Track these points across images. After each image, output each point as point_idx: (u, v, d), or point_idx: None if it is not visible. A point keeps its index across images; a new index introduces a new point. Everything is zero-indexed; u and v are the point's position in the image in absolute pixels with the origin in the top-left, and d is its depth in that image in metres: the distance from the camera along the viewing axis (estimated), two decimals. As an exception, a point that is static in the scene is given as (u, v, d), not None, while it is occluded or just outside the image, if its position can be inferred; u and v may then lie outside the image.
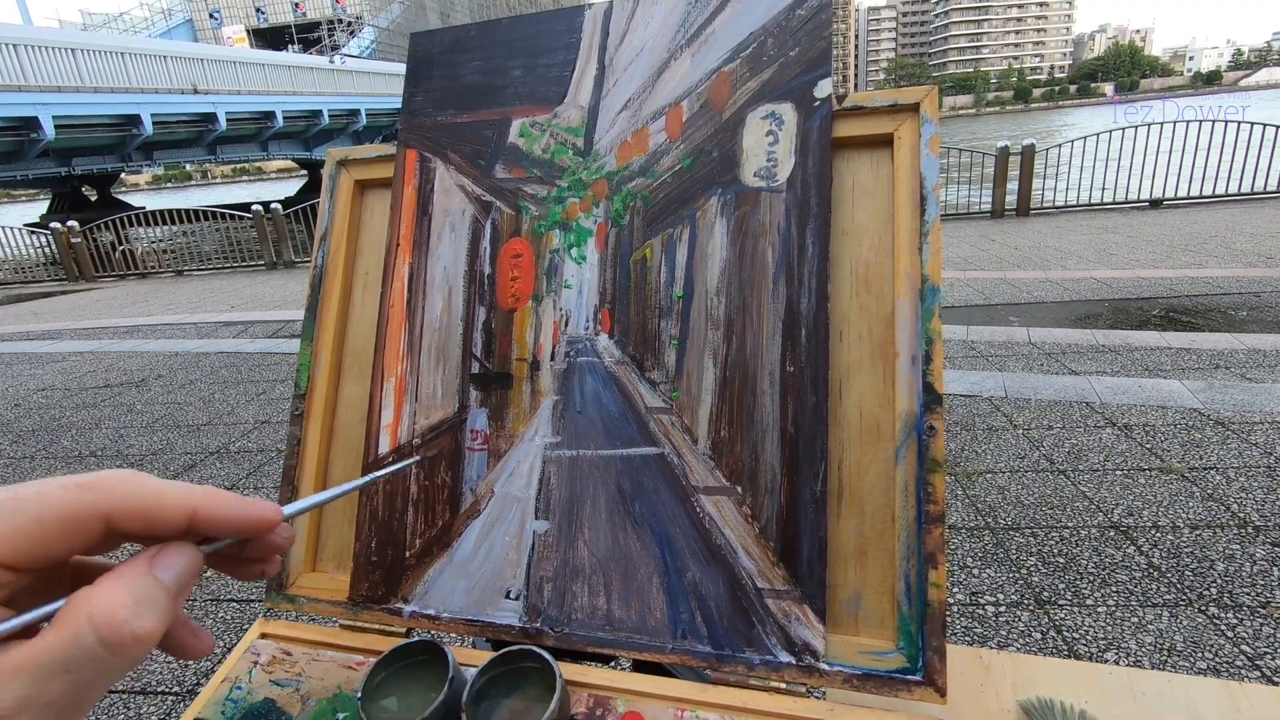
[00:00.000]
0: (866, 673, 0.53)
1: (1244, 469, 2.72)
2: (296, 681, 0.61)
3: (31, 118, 16.07)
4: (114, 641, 0.26)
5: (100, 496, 0.28)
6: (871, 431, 0.58)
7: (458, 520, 0.64)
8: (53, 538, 0.27)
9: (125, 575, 0.28)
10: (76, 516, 0.28)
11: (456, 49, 0.72)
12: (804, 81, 0.60)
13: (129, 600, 0.27)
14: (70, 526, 0.28)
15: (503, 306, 0.67)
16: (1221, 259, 6.29)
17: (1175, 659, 1.85)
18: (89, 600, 0.26)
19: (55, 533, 0.27)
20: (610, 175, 0.66)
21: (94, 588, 0.27)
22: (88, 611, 0.26)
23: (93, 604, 0.26)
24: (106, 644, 0.26)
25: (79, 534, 0.28)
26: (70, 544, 0.28)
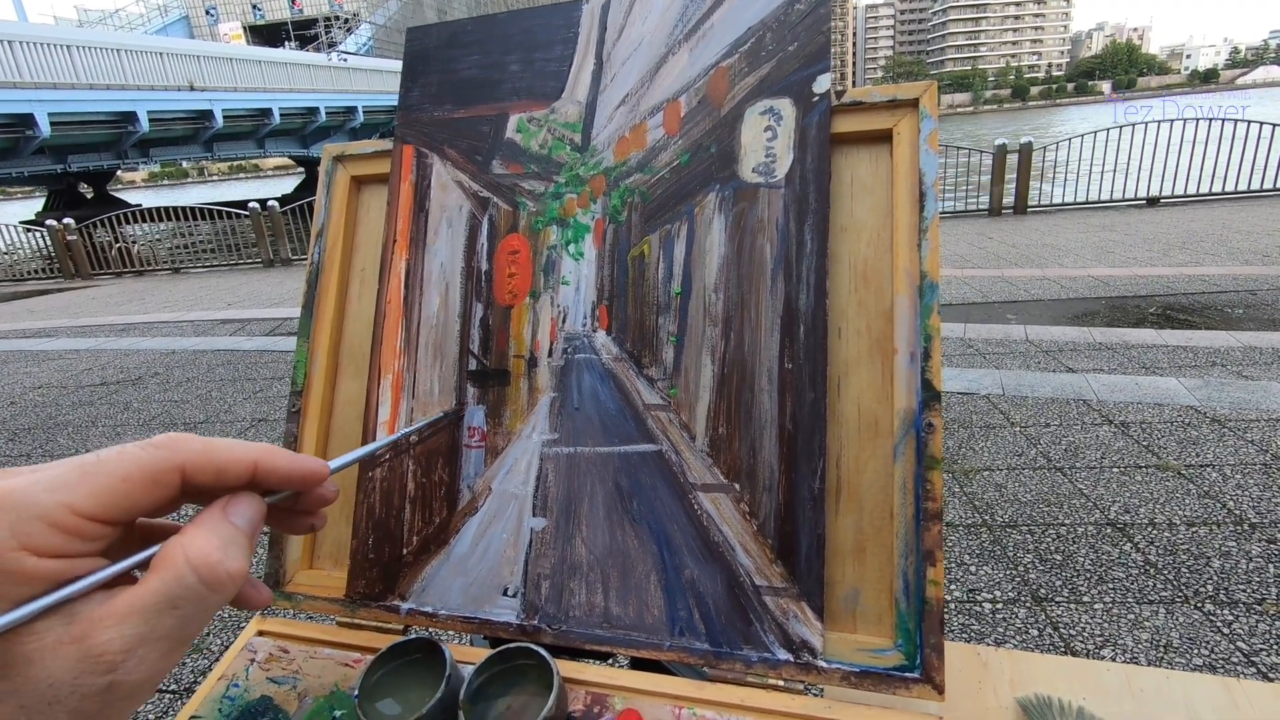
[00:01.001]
0: (864, 670, 0.53)
1: (1240, 466, 2.73)
2: (293, 679, 0.61)
3: (27, 115, 16.00)
4: (211, 579, 0.30)
5: (175, 453, 0.31)
6: (870, 428, 0.58)
7: (455, 517, 0.64)
8: (138, 492, 0.30)
9: (208, 522, 0.32)
10: (157, 470, 0.31)
11: (453, 44, 0.71)
12: (803, 77, 0.60)
13: (218, 542, 0.31)
14: (153, 480, 0.31)
15: (500, 303, 0.67)
16: (1218, 257, 6.30)
17: (1171, 655, 1.86)
18: (182, 546, 0.30)
19: (140, 487, 0.30)
20: (608, 171, 0.65)
21: (183, 535, 0.31)
22: (183, 555, 0.29)
23: (186, 548, 0.30)
24: (205, 582, 0.29)
25: (160, 487, 0.31)
26: (154, 496, 0.31)
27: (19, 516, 0.28)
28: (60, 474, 0.29)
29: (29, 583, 0.27)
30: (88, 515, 0.29)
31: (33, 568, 0.27)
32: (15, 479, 0.29)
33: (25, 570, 0.27)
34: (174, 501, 0.33)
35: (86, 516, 0.29)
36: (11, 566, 0.27)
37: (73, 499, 0.29)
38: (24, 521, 0.28)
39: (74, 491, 0.29)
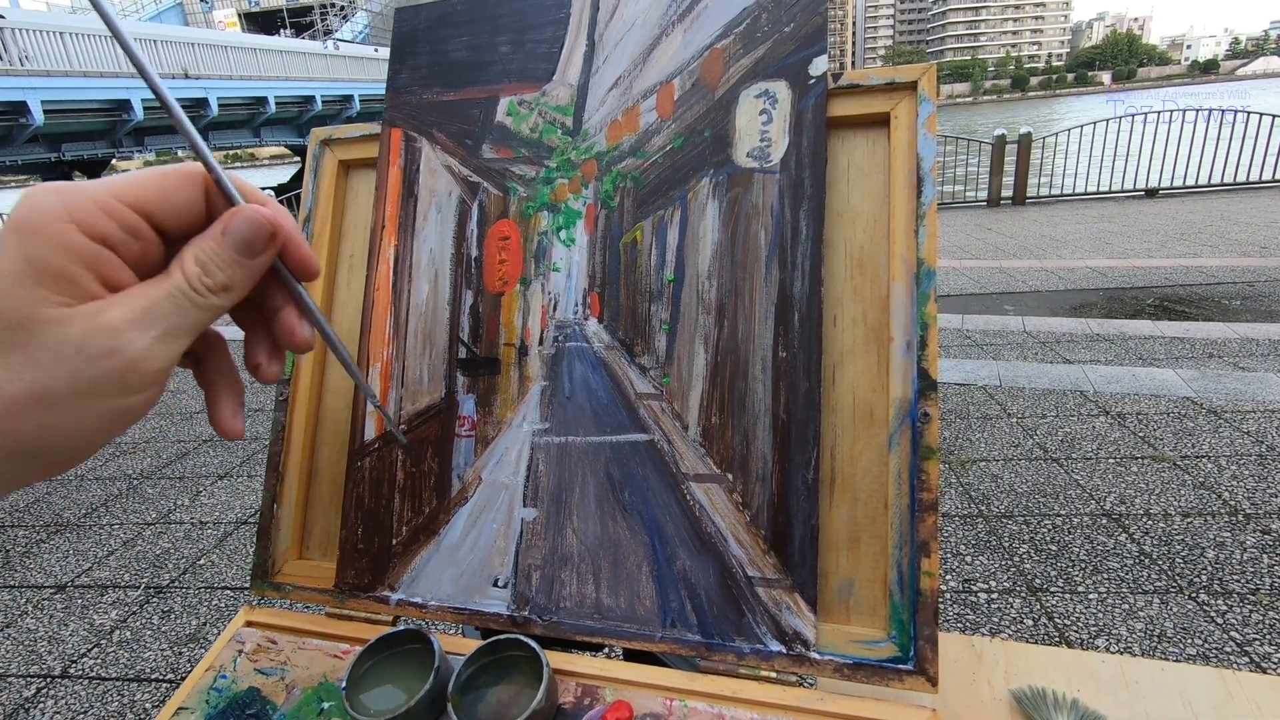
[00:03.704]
0: (858, 662, 0.52)
1: (1235, 457, 2.73)
2: (282, 670, 0.61)
3: (20, 102, 15.85)
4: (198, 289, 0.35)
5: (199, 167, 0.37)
6: (865, 418, 0.57)
7: (445, 507, 0.63)
8: (171, 187, 0.35)
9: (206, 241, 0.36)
10: (185, 170, 0.36)
11: (443, 24, 0.70)
12: (799, 59, 0.59)
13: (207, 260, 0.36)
14: (184, 176, 0.36)
15: (490, 290, 0.66)
16: (1216, 248, 6.30)
17: (1165, 645, 1.86)
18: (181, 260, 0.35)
19: (173, 183, 0.35)
20: (600, 155, 0.64)
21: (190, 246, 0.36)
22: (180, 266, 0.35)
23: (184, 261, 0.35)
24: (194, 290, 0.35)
25: (190, 186, 0.36)
26: (185, 195, 0.36)
27: (72, 197, 0.32)
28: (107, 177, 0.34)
29: (68, 254, 0.32)
30: (129, 202, 0.34)
31: (75, 241, 0.32)
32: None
33: (69, 242, 0.32)
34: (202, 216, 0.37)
35: (128, 203, 0.34)
36: (59, 235, 0.31)
37: (115, 188, 0.34)
38: (76, 200, 0.32)
39: (118, 183, 0.34)
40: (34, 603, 2.47)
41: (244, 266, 0.37)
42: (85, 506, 3.14)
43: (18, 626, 2.34)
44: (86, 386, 0.32)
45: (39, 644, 2.25)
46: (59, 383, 0.31)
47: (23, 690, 2.05)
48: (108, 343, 0.32)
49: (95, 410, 0.32)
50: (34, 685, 2.06)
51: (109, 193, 0.33)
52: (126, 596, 2.46)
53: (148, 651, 2.18)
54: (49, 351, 0.31)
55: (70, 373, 0.31)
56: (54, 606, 2.44)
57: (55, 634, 2.29)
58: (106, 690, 2.03)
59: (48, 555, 2.77)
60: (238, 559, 2.65)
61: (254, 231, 0.37)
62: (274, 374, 0.43)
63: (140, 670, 2.10)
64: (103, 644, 2.23)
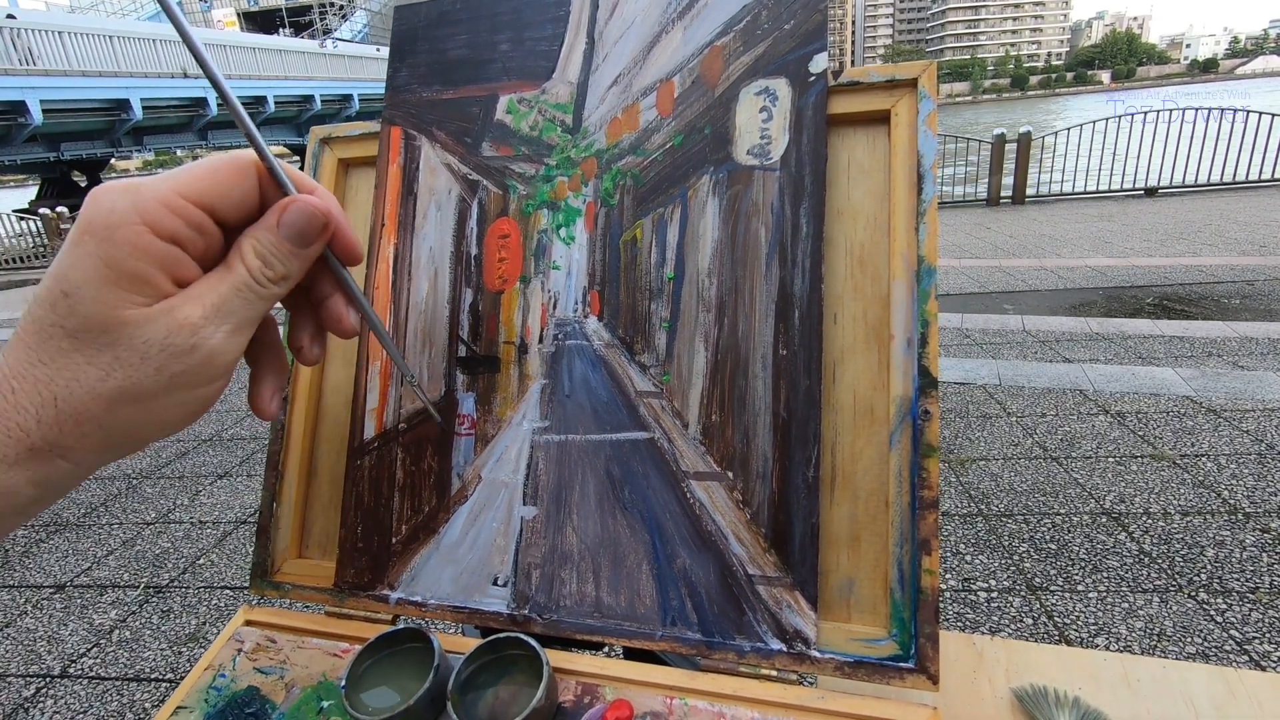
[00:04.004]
0: (858, 660, 0.52)
1: (1235, 456, 2.73)
2: (281, 669, 0.60)
3: (19, 102, 15.83)
4: (260, 281, 0.37)
5: (250, 154, 0.38)
6: (865, 416, 0.57)
7: (445, 506, 0.63)
8: (227, 180, 0.36)
9: (261, 232, 0.38)
10: (238, 161, 0.37)
11: (442, 22, 0.70)
12: (799, 56, 0.58)
13: (266, 253, 0.38)
14: (237, 169, 0.37)
15: (490, 288, 0.66)
16: (1216, 247, 6.30)
17: (1165, 644, 1.87)
18: (241, 252, 0.37)
19: (228, 175, 0.37)
20: (600, 153, 0.64)
21: (245, 238, 0.37)
22: (241, 262, 0.37)
23: (244, 256, 0.37)
24: (255, 283, 0.37)
25: (244, 176, 0.37)
26: (241, 187, 0.37)
27: (141, 197, 0.33)
28: (166, 173, 0.35)
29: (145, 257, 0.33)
30: (192, 199, 0.35)
31: (150, 243, 0.33)
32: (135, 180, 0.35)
33: (144, 244, 0.33)
34: (256, 206, 0.38)
35: (191, 200, 0.35)
36: (134, 238, 0.33)
37: (178, 184, 0.35)
38: (145, 201, 0.33)
39: (179, 179, 0.35)
40: (33, 602, 2.47)
41: (299, 256, 0.39)
42: (84, 506, 3.14)
43: (17, 626, 2.34)
44: (171, 381, 0.34)
45: (38, 644, 2.24)
46: (147, 379, 0.34)
47: (22, 690, 2.05)
48: (188, 340, 0.34)
49: (180, 400, 0.35)
50: (33, 685, 2.06)
51: (173, 190, 0.34)
52: (126, 596, 2.46)
53: (147, 651, 2.18)
54: (135, 351, 0.33)
55: (157, 369, 0.34)
56: (53, 606, 2.44)
57: (55, 634, 2.29)
58: (106, 690, 2.03)
59: (47, 555, 2.76)
60: (237, 558, 2.65)
61: (308, 223, 0.39)
62: (316, 356, 0.45)
63: (140, 670, 2.10)
64: (102, 644, 2.22)
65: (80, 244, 0.33)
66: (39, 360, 0.32)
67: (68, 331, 0.33)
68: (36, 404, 0.32)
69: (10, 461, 0.32)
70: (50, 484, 0.34)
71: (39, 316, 0.33)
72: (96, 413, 0.33)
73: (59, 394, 0.32)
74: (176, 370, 0.34)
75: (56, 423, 0.32)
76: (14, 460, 0.32)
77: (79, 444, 0.33)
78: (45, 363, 0.32)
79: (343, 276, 0.43)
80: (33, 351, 0.33)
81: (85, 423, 0.33)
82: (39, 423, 0.32)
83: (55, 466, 0.33)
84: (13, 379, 0.32)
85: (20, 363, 0.33)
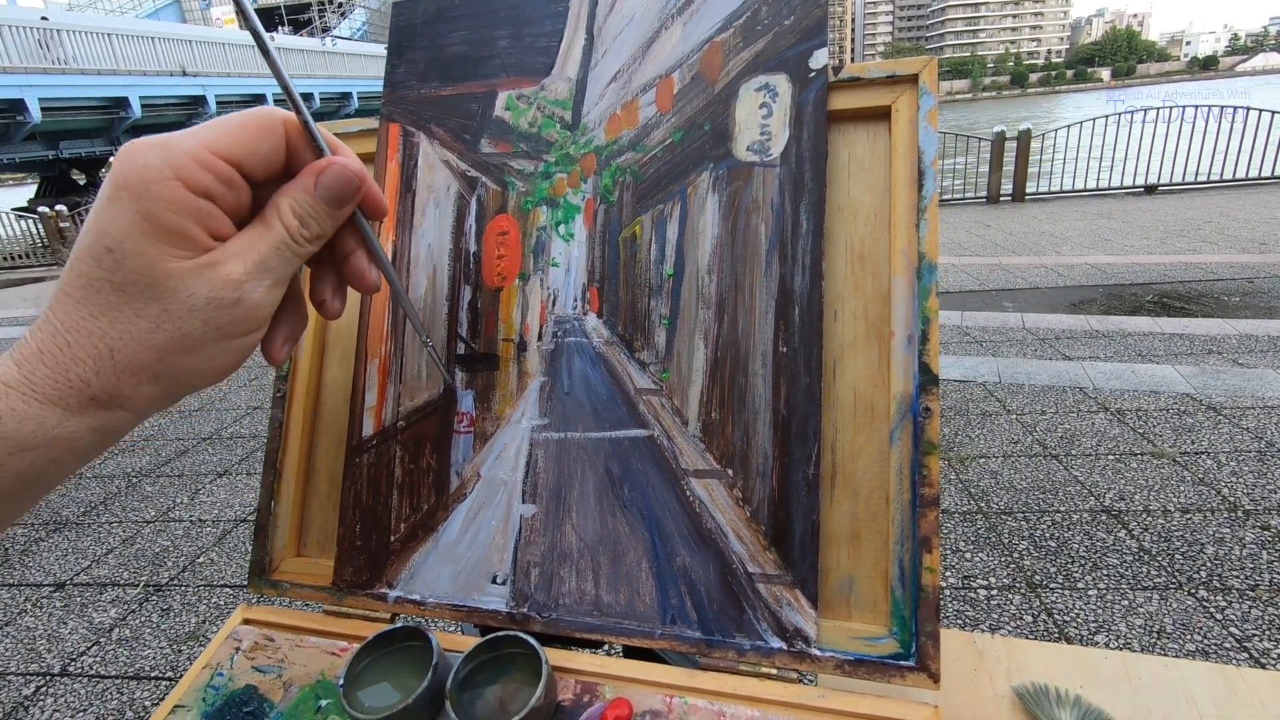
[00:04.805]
0: (859, 658, 0.52)
1: (1235, 453, 2.73)
2: (279, 668, 0.60)
3: (17, 100, 15.81)
4: (296, 239, 0.39)
5: (275, 110, 0.39)
6: (865, 413, 0.57)
7: (443, 504, 0.63)
8: (254, 137, 0.37)
9: (298, 191, 0.39)
10: (263, 118, 0.38)
11: (440, 18, 0.69)
12: (799, 52, 0.58)
13: (302, 212, 0.39)
14: (262, 126, 0.38)
15: (489, 285, 0.65)
16: (1216, 245, 6.30)
17: (1165, 641, 1.87)
18: (278, 210, 0.39)
19: (255, 132, 0.38)
20: (599, 150, 0.64)
21: (281, 195, 0.39)
22: (279, 220, 0.38)
23: (281, 214, 0.39)
24: (293, 240, 0.39)
25: (270, 133, 0.38)
26: (269, 143, 0.38)
27: (173, 152, 0.34)
28: (194, 128, 0.36)
29: (180, 211, 0.34)
30: (221, 154, 0.36)
31: (184, 198, 0.34)
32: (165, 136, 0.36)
33: (178, 199, 0.34)
34: (282, 162, 0.39)
35: (221, 155, 0.36)
36: (169, 193, 0.34)
37: (207, 140, 0.36)
38: (177, 157, 0.34)
39: (209, 135, 0.36)
40: (33, 601, 2.47)
41: (334, 217, 0.41)
42: (84, 505, 3.13)
43: (17, 625, 2.34)
44: (218, 332, 0.36)
45: (38, 642, 2.24)
46: (195, 330, 0.36)
47: (22, 688, 2.05)
48: (232, 294, 0.36)
49: (226, 349, 0.38)
50: (33, 683, 2.06)
51: (202, 145, 0.35)
52: (125, 595, 2.46)
53: (147, 649, 2.18)
54: (182, 304, 0.35)
55: (204, 321, 0.36)
56: (53, 605, 2.43)
57: (54, 632, 2.29)
58: (106, 688, 2.03)
59: (47, 553, 2.76)
60: (237, 557, 2.65)
61: (345, 186, 0.40)
62: (337, 310, 0.46)
63: (139, 668, 2.10)
64: (102, 642, 2.22)
65: (117, 200, 0.34)
66: (90, 315, 0.34)
67: (115, 285, 0.34)
68: (93, 356, 0.34)
69: (74, 410, 0.34)
70: (109, 430, 0.36)
71: (83, 271, 0.34)
72: (150, 363, 0.35)
73: (114, 346, 0.34)
74: (222, 321, 0.36)
75: (114, 374, 0.34)
76: (77, 409, 0.34)
77: (135, 393, 0.35)
78: (97, 317, 0.34)
79: (368, 234, 0.44)
80: (82, 306, 0.34)
81: (140, 372, 0.35)
82: (98, 374, 0.34)
83: (114, 414, 0.35)
84: (66, 333, 0.34)
85: (72, 317, 0.34)
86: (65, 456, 0.35)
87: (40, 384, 0.33)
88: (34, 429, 0.33)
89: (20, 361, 0.34)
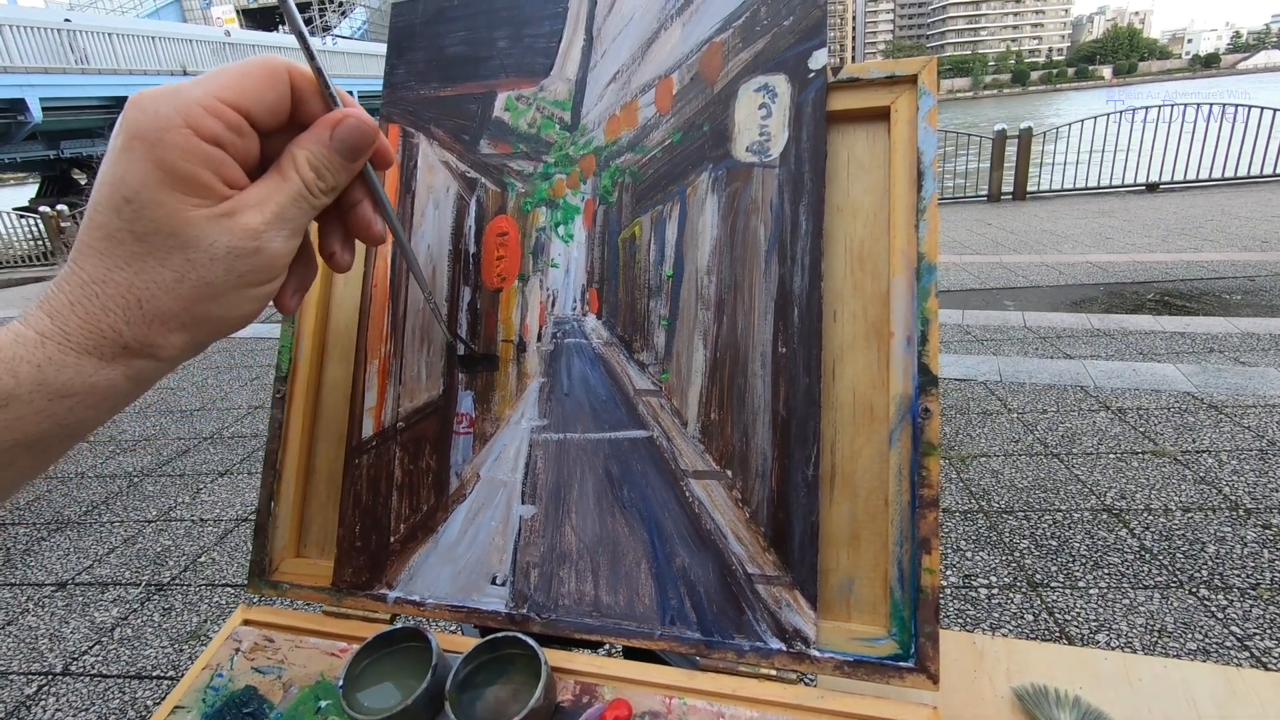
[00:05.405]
0: (858, 659, 0.52)
1: (1236, 452, 2.73)
2: (279, 669, 0.60)
3: (18, 99, 15.82)
4: (312, 192, 0.40)
5: (278, 57, 0.39)
6: (865, 414, 0.57)
7: (443, 505, 0.63)
8: (259, 85, 0.37)
9: (313, 143, 0.40)
10: (268, 65, 0.38)
11: (439, 19, 0.69)
12: (798, 52, 0.58)
13: (318, 164, 0.40)
14: (267, 73, 0.38)
15: (488, 286, 0.65)
16: (1217, 243, 6.29)
17: (1166, 640, 1.86)
18: (294, 161, 0.39)
19: (259, 80, 0.37)
20: (598, 150, 0.63)
21: (296, 146, 0.39)
22: (295, 171, 0.39)
23: (298, 165, 0.39)
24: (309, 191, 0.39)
25: (275, 81, 0.38)
26: (274, 91, 0.38)
27: (182, 100, 0.35)
28: (201, 77, 0.36)
29: (194, 158, 0.35)
30: (229, 102, 0.36)
31: (196, 145, 0.35)
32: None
33: (191, 146, 0.34)
34: (288, 112, 0.39)
35: (228, 103, 0.36)
36: (181, 141, 0.34)
37: (214, 88, 0.36)
38: (187, 105, 0.35)
39: (215, 82, 0.36)
40: (35, 600, 2.47)
41: (348, 170, 0.41)
42: (86, 504, 3.14)
43: (19, 624, 2.35)
44: (240, 279, 0.37)
45: (40, 641, 2.25)
46: (218, 278, 0.36)
47: (24, 688, 2.05)
48: (252, 243, 0.37)
49: (247, 297, 0.38)
50: (35, 683, 2.07)
51: (210, 93, 0.35)
52: (127, 594, 2.46)
53: (149, 649, 2.18)
54: (204, 253, 0.35)
55: (226, 270, 0.36)
56: (55, 604, 2.44)
57: (56, 631, 2.29)
58: (108, 688, 2.03)
59: (49, 553, 2.77)
60: (238, 556, 2.65)
61: (361, 138, 0.41)
62: (347, 263, 0.47)
63: (141, 668, 2.11)
64: (104, 641, 2.23)
65: (130, 149, 0.34)
66: (116, 265, 0.34)
67: (137, 236, 0.34)
68: (123, 306, 0.34)
69: (108, 359, 0.35)
70: (143, 378, 0.37)
71: (103, 223, 0.34)
72: (178, 311, 0.36)
73: (142, 296, 0.35)
74: (243, 270, 0.37)
75: (144, 323, 0.35)
76: (111, 358, 0.35)
77: (165, 341, 0.36)
78: (122, 267, 0.34)
79: (375, 185, 0.45)
80: (107, 258, 0.34)
81: (169, 321, 0.36)
82: (128, 324, 0.35)
83: (148, 362, 0.36)
84: (94, 284, 0.34)
85: (98, 269, 0.34)
86: (102, 403, 0.36)
87: (75, 334, 0.34)
88: (71, 376, 0.34)
89: (52, 313, 0.34)
